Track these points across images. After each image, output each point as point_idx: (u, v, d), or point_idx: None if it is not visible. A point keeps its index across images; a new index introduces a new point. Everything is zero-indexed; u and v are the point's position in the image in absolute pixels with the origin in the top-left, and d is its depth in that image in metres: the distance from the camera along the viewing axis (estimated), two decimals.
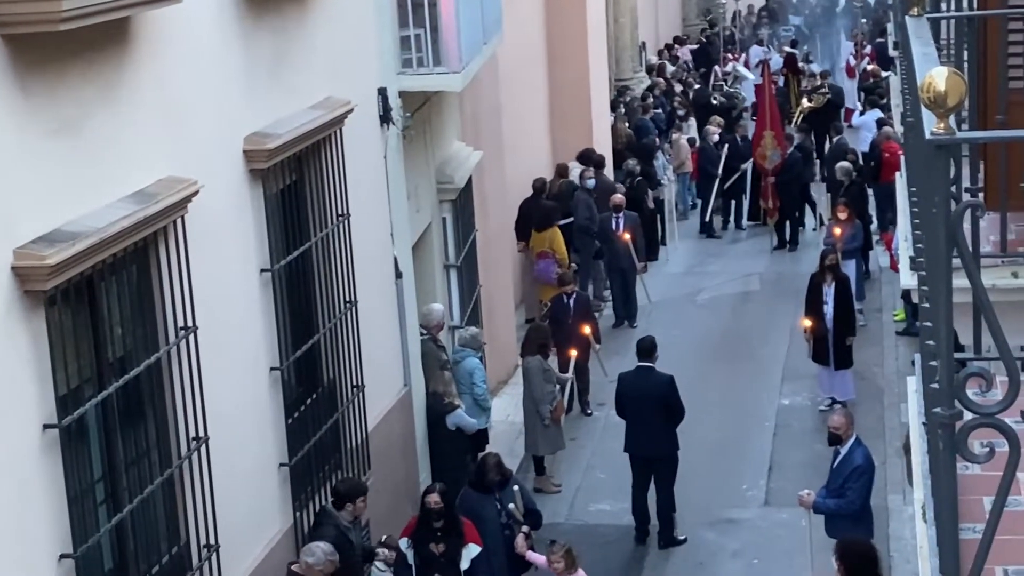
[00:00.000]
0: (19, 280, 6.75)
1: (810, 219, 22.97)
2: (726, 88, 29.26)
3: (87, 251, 7.10)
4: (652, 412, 13.05)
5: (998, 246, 6.06)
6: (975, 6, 6.99)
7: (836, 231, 17.77)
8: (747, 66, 32.10)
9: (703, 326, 19.09)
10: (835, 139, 22.80)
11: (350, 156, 10.97)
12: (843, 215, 18.10)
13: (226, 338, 9.00)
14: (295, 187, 10.39)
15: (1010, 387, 3.34)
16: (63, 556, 7.04)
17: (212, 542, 8.55)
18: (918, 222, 5.86)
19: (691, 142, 24.65)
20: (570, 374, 15.05)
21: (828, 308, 15.70)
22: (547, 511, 12.75)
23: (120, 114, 7.74)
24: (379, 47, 12.18)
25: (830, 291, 15.75)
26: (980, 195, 6.11)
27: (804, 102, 26.43)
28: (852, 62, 31.97)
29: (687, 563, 13.00)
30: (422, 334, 13.21)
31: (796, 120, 25.72)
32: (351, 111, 10.89)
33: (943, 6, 7.05)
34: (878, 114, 23.92)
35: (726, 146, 23.19)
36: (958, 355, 4.34)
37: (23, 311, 6.80)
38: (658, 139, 24.25)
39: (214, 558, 8.59)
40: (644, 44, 30.80)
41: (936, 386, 3.46)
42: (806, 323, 15.73)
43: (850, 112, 27.52)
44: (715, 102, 27.36)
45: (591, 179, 19.84)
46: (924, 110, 3.49)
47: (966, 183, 5.92)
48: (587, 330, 15.61)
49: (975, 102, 6.32)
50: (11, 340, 6.72)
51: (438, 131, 14.62)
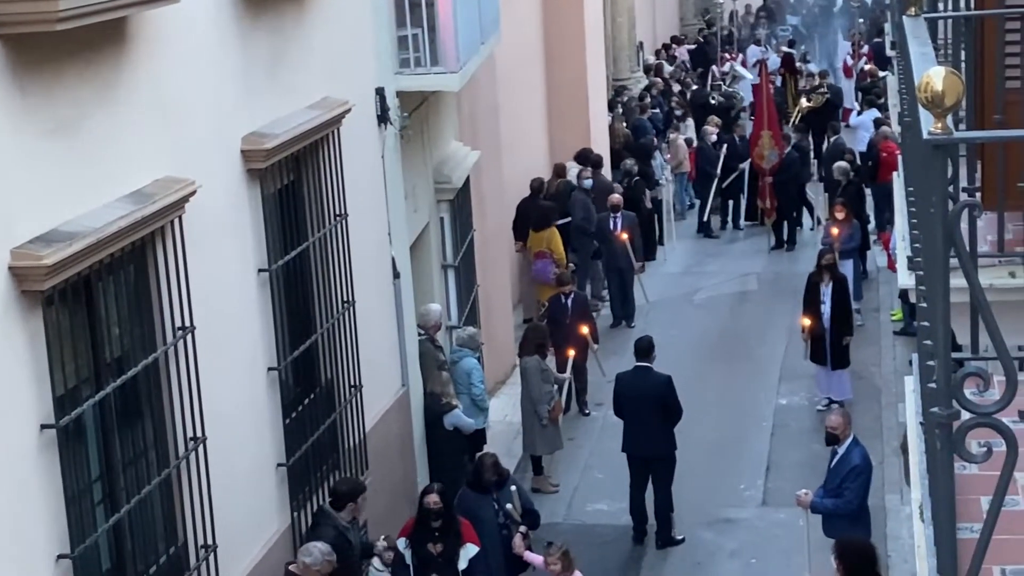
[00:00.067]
0: (16, 280, 6.74)
1: (807, 219, 22.99)
2: (724, 88, 29.25)
3: (84, 251, 7.09)
4: (650, 412, 13.05)
5: (995, 246, 6.06)
6: (972, 6, 7.00)
7: (833, 231, 17.77)
8: (744, 66, 32.10)
9: (701, 326, 19.09)
10: (833, 139, 22.79)
11: (348, 156, 10.97)
12: (840, 215, 18.11)
13: (224, 338, 8.99)
14: (293, 187, 10.39)
15: (1007, 387, 3.35)
16: (60, 556, 7.03)
17: (210, 542, 8.54)
18: (916, 222, 5.86)
19: (688, 142, 24.65)
20: (568, 374, 15.06)
21: (825, 308, 15.72)
22: (545, 511, 12.75)
23: (117, 114, 7.74)
24: (376, 47, 12.18)
25: (827, 291, 15.76)
26: (977, 195, 6.11)
27: (803, 102, 26.42)
28: (849, 62, 31.98)
29: (685, 563, 13.01)
30: (420, 334, 13.21)
31: (794, 120, 25.72)
32: (349, 111, 10.89)
33: (940, 6, 7.06)
34: (875, 114, 23.93)
35: (725, 146, 23.20)
36: (955, 355, 4.34)
37: (20, 311, 6.79)
38: (656, 139, 24.26)
39: (212, 558, 8.59)
40: (642, 44, 30.80)
41: (934, 386, 3.46)
42: (805, 322, 15.73)
43: (848, 112, 27.53)
44: (713, 102, 27.36)
45: (588, 179, 19.83)
46: (922, 110, 3.49)
47: (964, 183, 5.92)
48: (585, 330, 15.61)
49: (972, 102, 6.32)
50: (8, 340, 6.71)
51: (436, 131, 14.61)
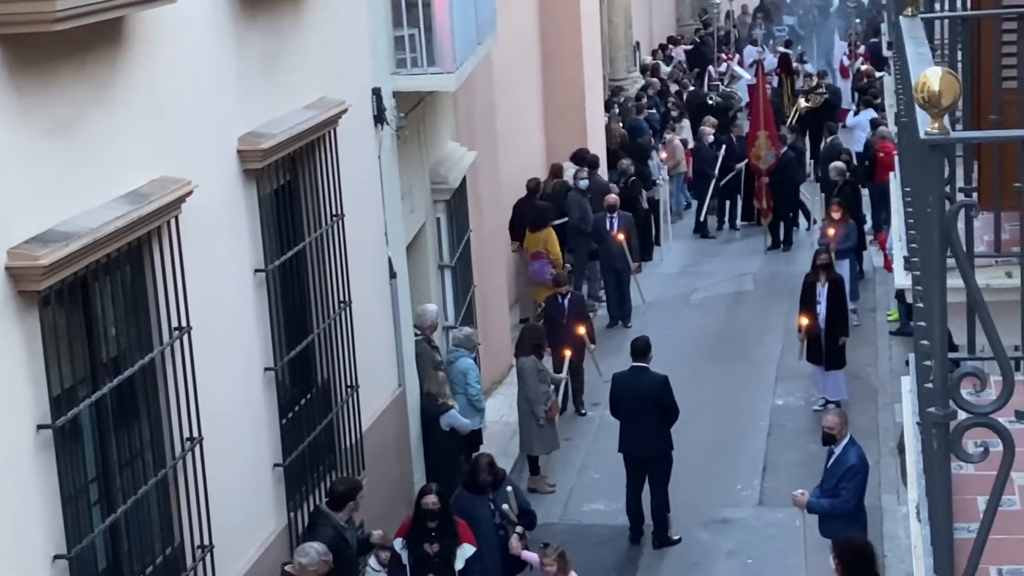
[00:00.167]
0: (13, 280, 6.74)
1: (803, 219, 22.99)
2: (722, 88, 29.27)
3: (81, 251, 7.09)
4: (646, 412, 13.05)
5: (992, 246, 6.06)
6: (969, 6, 7.00)
7: (830, 231, 17.78)
8: (741, 66, 32.11)
9: (697, 326, 19.09)
10: (829, 139, 22.80)
11: (344, 156, 10.96)
12: (837, 215, 18.11)
13: (220, 338, 8.99)
14: (289, 187, 10.38)
15: (1004, 387, 3.34)
16: (57, 557, 7.03)
17: (206, 543, 8.54)
18: (912, 222, 5.86)
19: (683, 143, 24.64)
20: (564, 374, 15.06)
21: (821, 308, 15.73)
22: (541, 511, 12.75)
23: (114, 114, 7.73)
24: (373, 47, 12.17)
25: (823, 291, 15.77)
26: (974, 195, 6.11)
27: (801, 102, 26.42)
28: (846, 62, 31.98)
29: (681, 563, 13.01)
30: (416, 334, 13.21)
31: (792, 120, 25.72)
32: (345, 111, 10.88)
33: (937, 6, 7.06)
34: (872, 114, 23.92)
35: (723, 147, 23.18)
36: (952, 355, 4.34)
37: (17, 311, 6.79)
38: (653, 139, 24.26)
39: (208, 559, 8.59)
40: (638, 44, 30.82)
41: (930, 386, 3.46)
42: (803, 321, 15.73)
43: (844, 112, 27.53)
44: (711, 102, 27.36)
45: (584, 179, 19.83)
46: (918, 110, 3.49)
47: (960, 183, 5.92)
48: (582, 330, 15.61)
49: (969, 102, 6.33)
50: (5, 340, 6.71)
51: (432, 131, 14.61)
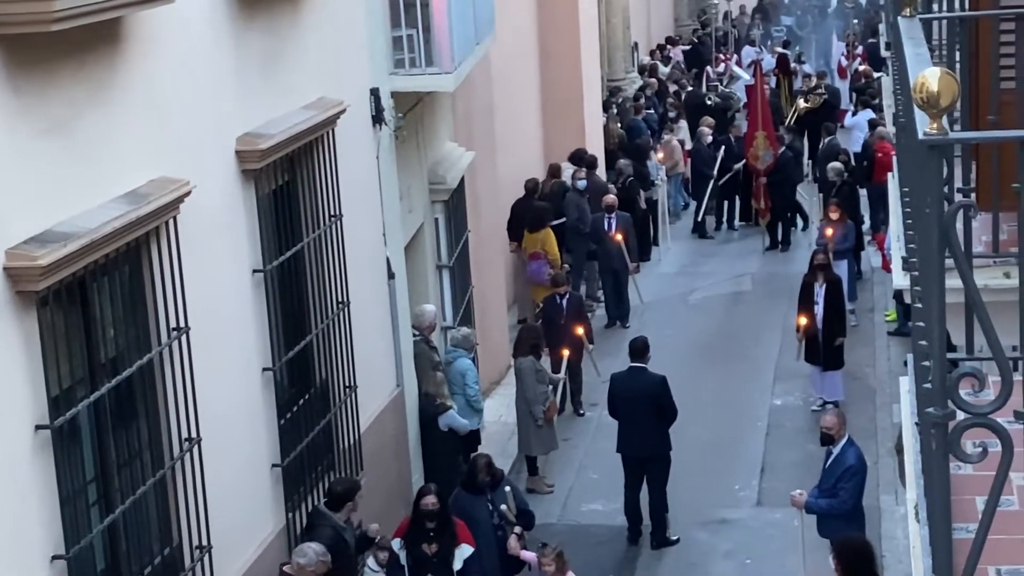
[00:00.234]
0: (11, 281, 6.74)
1: (800, 220, 22.97)
2: (721, 88, 29.26)
3: (79, 252, 7.08)
4: (645, 412, 13.05)
5: (990, 246, 6.06)
6: (967, 7, 7.00)
7: (828, 231, 17.78)
8: (739, 66, 32.11)
9: (695, 326, 19.09)
10: (827, 140, 22.79)
11: (342, 157, 10.96)
12: (835, 215, 18.12)
13: (218, 339, 8.99)
14: (287, 188, 10.38)
15: (1003, 387, 3.34)
16: (55, 557, 7.03)
17: (204, 543, 8.54)
18: (910, 222, 5.87)
19: (680, 143, 24.62)
20: (562, 374, 15.05)
21: (818, 308, 15.73)
22: (540, 511, 12.75)
23: (112, 114, 7.73)
24: (371, 47, 12.17)
25: (821, 291, 15.77)
26: (972, 195, 6.11)
27: (800, 102, 26.41)
28: (844, 63, 31.98)
29: (680, 563, 13.01)
30: (414, 335, 13.20)
31: (790, 120, 25.71)
32: (343, 111, 10.88)
33: (935, 7, 7.06)
34: (870, 114, 23.91)
35: (722, 147, 23.16)
36: (950, 355, 4.34)
37: (15, 312, 6.78)
38: (651, 139, 24.25)
39: (206, 559, 8.58)
40: (636, 44, 30.81)
41: (929, 386, 3.46)
42: (801, 322, 15.73)
43: (842, 113, 27.52)
44: (710, 103, 27.36)
45: (582, 179, 19.83)
46: (917, 110, 3.49)
47: (958, 183, 5.92)
48: (580, 331, 15.61)
49: (967, 102, 6.33)
50: (3, 341, 6.70)
51: (430, 131, 14.61)
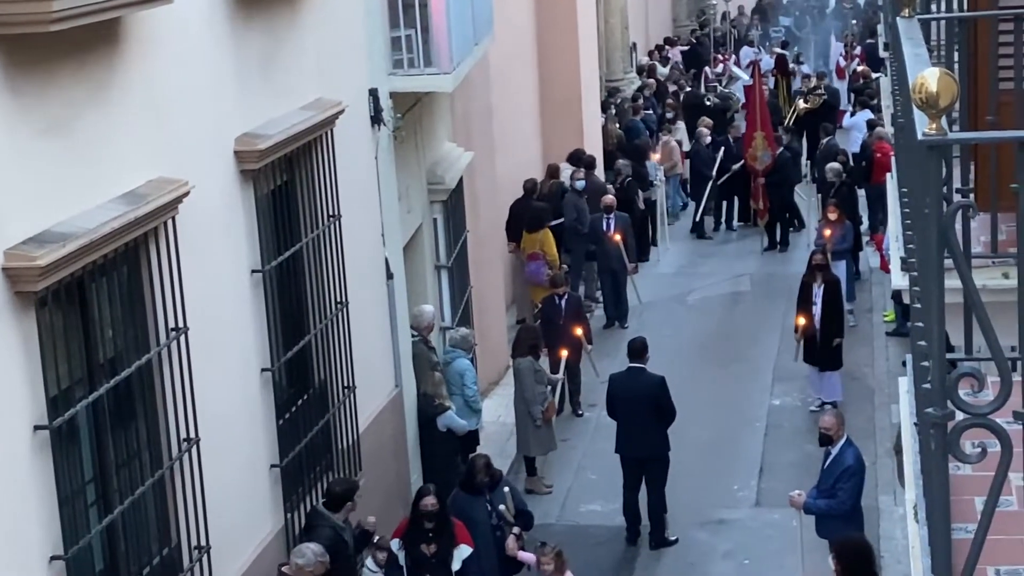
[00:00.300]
0: (9, 281, 6.74)
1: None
2: (720, 89, 29.25)
3: (78, 252, 7.08)
4: (643, 413, 13.05)
5: (988, 247, 6.06)
6: (965, 8, 7.00)
7: (826, 232, 17.79)
8: (738, 66, 32.10)
9: (694, 327, 19.09)
10: (825, 140, 22.78)
11: (341, 157, 10.96)
12: (833, 216, 18.12)
13: (217, 339, 8.98)
14: (286, 188, 10.38)
15: (1002, 387, 3.34)
16: (54, 558, 7.03)
17: (203, 543, 8.54)
18: (909, 223, 5.86)
19: (678, 144, 24.62)
20: (561, 375, 15.05)
21: (816, 309, 15.72)
22: (538, 512, 12.75)
23: (110, 114, 7.73)
24: (370, 48, 12.17)
25: (819, 292, 15.77)
26: (971, 196, 6.11)
27: (800, 103, 26.41)
28: (842, 63, 31.98)
29: (678, 563, 13.00)
30: (413, 335, 13.20)
31: (789, 121, 25.71)
32: (342, 112, 10.88)
33: (934, 7, 7.06)
34: (868, 115, 23.91)
35: (722, 148, 23.13)
36: (949, 356, 4.34)
37: (13, 312, 6.78)
38: (650, 140, 24.25)
39: (205, 559, 8.58)
40: (635, 45, 30.81)
41: (928, 386, 3.46)
42: (800, 322, 15.72)
43: (841, 113, 27.53)
44: (709, 103, 27.35)
45: (581, 180, 19.82)
46: (916, 111, 3.49)
47: (957, 184, 5.92)
48: (579, 331, 15.61)
49: (966, 103, 6.32)
50: (2, 341, 6.70)
51: (429, 132, 14.61)
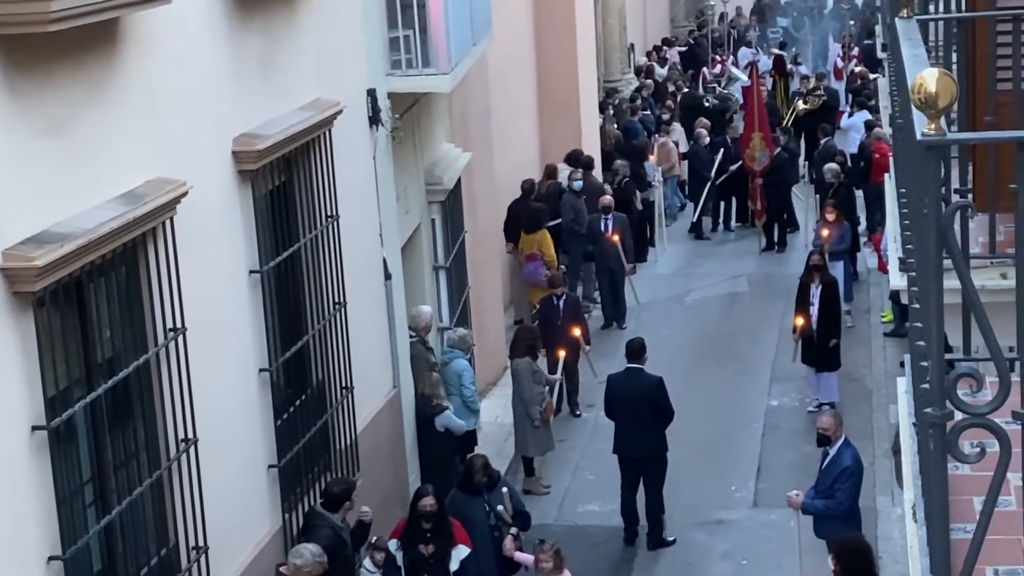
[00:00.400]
0: (7, 281, 6.73)
1: (799, 220, 22.95)
2: (719, 90, 29.23)
3: (76, 252, 7.08)
4: (641, 413, 13.05)
5: (987, 247, 6.06)
6: (964, 8, 7.00)
7: (824, 233, 17.79)
8: (736, 67, 32.12)
9: (692, 327, 19.09)
10: (824, 141, 22.78)
11: (339, 157, 10.96)
12: (831, 216, 18.12)
13: (215, 339, 8.98)
14: (284, 188, 10.38)
15: (1001, 387, 3.34)
16: (52, 558, 7.03)
17: (201, 544, 8.54)
18: (908, 223, 5.87)
19: (675, 144, 24.62)
20: (559, 375, 15.05)
21: (814, 309, 15.73)
22: (536, 512, 12.74)
23: (109, 115, 7.73)
24: (368, 48, 12.17)
25: (817, 292, 15.77)
26: (969, 196, 6.11)
27: (799, 104, 26.41)
28: (840, 64, 32.00)
29: (676, 564, 13.00)
30: (411, 336, 13.20)
31: (788, 121, 25.71)
32: (340, 112, 10.88)
33: (932, 8, 7.06)
34: (866, 116, 23.91)
35: (721, 150, 23.11)
36: (948, 356, 4.34)
37: (11, 312, 6.78)
38: (648, 141, 24.25)
39: (203, 560, 8.58)
40: (633, 46, 30.80)
41: (927, 386, 3.46)
42: (798, 322, 15.72)
43: (839, 114, 27.55)
44: (708, 104, 27.34)
45: (579, 180, 19.81)
46: (915, 111, 3.49)
47: (955, 184, 5.92)
48: (577, 332, 15.61)
49: (964, 104, 6.32)
50: (0, 342, 6.70)
51: (427, 132, 14.60)
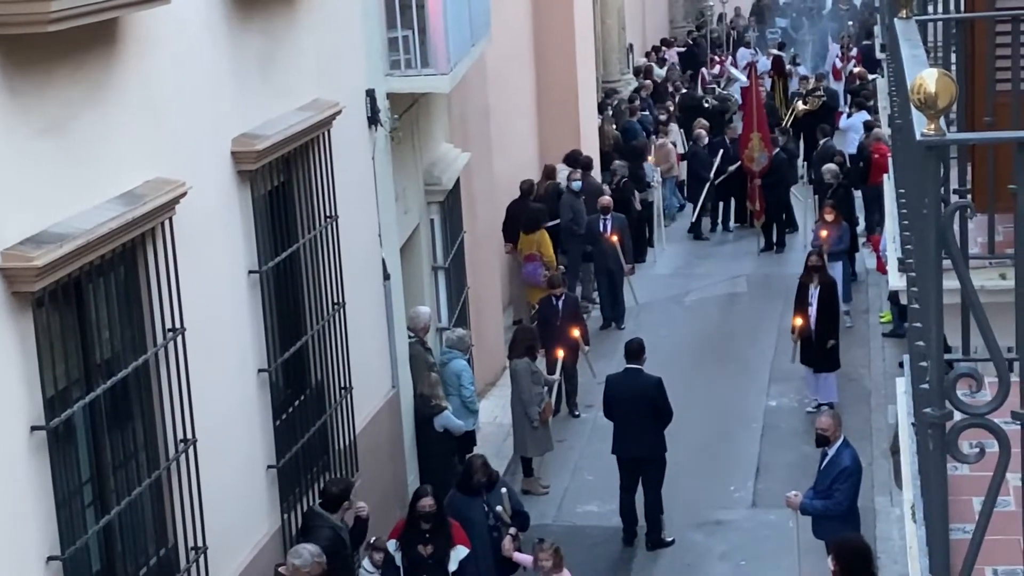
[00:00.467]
0: (7, 282, 6.73)
1: (798, 221, 22.94)
2: (718, 91, 29.23)
3: (75, 253, 7.08)
4: (640, 414, 13.05)
5: (986, 248, 6.06)
6: (963, 9, 7.00)
7: (823, 233, 17.79)
8: (735, 67, 32.13)
9: (691, 328, 19.10)
10: (823, 142, 22.79)
11: (338, 158, 10.96)
12: (830, 217, 18.13)
13: (214, 340, 8.98)
14: (283, 188, 10.38)
15: (1000, 387, 3.34)
16: (51, 558, 7.02)
17: (199, 544, 8.53)
18: (907, 223, 5.87)
19: (673, 146, 24.63)
20: (557, 375, 15.05)
21: (812, 310, 15.73)
22: (535, 513, 12.74)
23: (108, 115, 7.73)
24: (367, 49, 12.17)
25: (815, 293, 15.78)
26: (968, 197, 6.11)
27: (799, 105, 26.42)
28: (838, 64, 32.00)
29: (675, 564, 13.00)
30: (409, 336, 13.20)
31: (787, 122, 25.72)
32: (339, 113, 10.88)
33: (931, 9, 7.06)
34: (865, 116, 23.92)
35: (720, 151, 23.11)
36: (947, 356, 4.34)
37: (10, 313, 6.78)
38: (647, 141, 24.25)
39: (201, 560, 8.58)
40: (632, 46, 30.80)
41: (926, 387, 3.46)
42: (797, 322, 15.73)
43: (838, 115, 27.56)
44: (707, 105, 27.35)
45: (577, 181, 19.82)
46: (914, 111, 3.49)
47: (954, 185, 5.92)
48: (576, 333, 15.62)
49: (962, 104, 6.33)
50: None
51: (426, 133, 14.60)
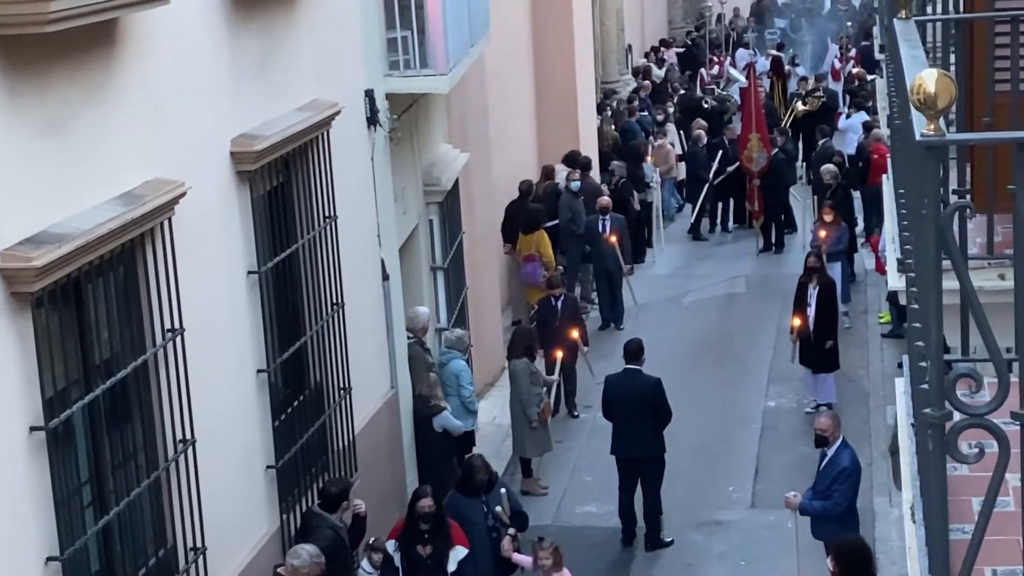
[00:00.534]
0: (5, 282, 6.73)
1: (797, 221, 22.94)
2: (718, 91, 29.23)
3: (74, 253, 7.08)
4: (639, 414, 13.05)
5: (985, 248, 6.07)
6: (962, 9, 7.01)
7: (822, 233, 17.79)
8: (734, 68, 32.14)
9: (689, 328, 19.10)
10: (821, 142, 22.79)
11: (337, 158, 10.96)
12: (829, 217, 18.12)
13: (213, 340, 8.98)
14: (282, 189, 10.38)
15: (1000, 388, 3.34)
16: (50, 559, 7.02)
17: (198, 545, 8.53)
18: (905, 224, 5.87)
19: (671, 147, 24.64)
20: (556, 376, 15.05)
21: (811, 310, 15.73)
22: (534, 513, 12.74)
23: (107, 115, 7.73)
24: (366, 49, 12.17)
25: (814, 293, 15.78)
26: (967, 197, 6.11)
27: (799, 105, 26.42)
28: (837, 65, 32.01)
29: (674, 565, 13.00)
30: (408, 337, 13.20)
31: (786, 122, 25.72)
32: (338, 113, 10.88)
33: (930, 9, 7.07)
34: (864, 117, 23.93)
35: (720, 152, 23.11)
36: (946, 356, 4.34)
37: (9, 313, 6.77)
38: (646, 142, 24.25)
39: (200, 561, 8.57)
40: (630, 47, 30.81)
41: (926, 387, 3.46)
42: (796, 322, 15.73)
43: (837, 115, 27.56)
44: (707, 105, 27.36)
45: (576, 181, 19.82)
46: (914, 112, 3.49)
47: (953, 185, 5.93)
48: (575, 333, 15.62)
49: (961, 105, 6.33)
50: None
51: (425, 133, 14.60)
